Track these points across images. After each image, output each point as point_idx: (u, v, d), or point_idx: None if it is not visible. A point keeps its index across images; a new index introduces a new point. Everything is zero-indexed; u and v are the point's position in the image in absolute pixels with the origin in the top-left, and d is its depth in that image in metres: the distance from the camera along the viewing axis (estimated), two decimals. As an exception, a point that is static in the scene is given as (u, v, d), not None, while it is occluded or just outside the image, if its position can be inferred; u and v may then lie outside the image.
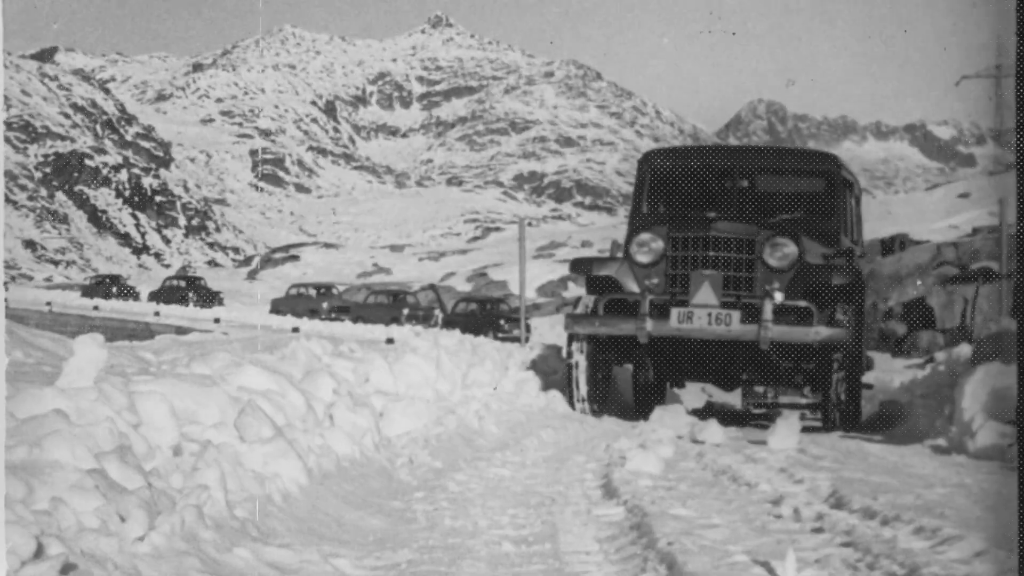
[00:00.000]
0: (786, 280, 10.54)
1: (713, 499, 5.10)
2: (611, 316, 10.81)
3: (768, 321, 10.20)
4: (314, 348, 7.61)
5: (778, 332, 10.23)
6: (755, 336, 10.23)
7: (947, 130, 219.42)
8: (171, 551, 3.29)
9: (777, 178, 12.12)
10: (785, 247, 10.58)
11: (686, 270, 10.72)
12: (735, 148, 14.00)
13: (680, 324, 10.40)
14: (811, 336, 10.21)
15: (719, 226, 10.67)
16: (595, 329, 10.79)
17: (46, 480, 3.30)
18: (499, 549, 4.04)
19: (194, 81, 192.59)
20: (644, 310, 10.53)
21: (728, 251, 10.65)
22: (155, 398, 4.38)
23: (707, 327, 10.38)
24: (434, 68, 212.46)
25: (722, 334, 10.41)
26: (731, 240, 10.66)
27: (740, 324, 10.32)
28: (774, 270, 10.55)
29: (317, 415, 5.69)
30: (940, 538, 3.89)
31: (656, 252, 10.85)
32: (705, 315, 10.37)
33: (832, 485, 5.22)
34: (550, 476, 6.01)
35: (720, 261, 10.63)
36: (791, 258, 10.56)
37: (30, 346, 8.14)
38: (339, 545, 3.98)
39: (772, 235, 10.63)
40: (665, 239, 10.81)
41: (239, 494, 4.06)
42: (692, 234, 10.71)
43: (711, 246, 10.65)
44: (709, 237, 10.65)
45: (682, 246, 10.77)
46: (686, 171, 12.24)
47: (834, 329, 10.30)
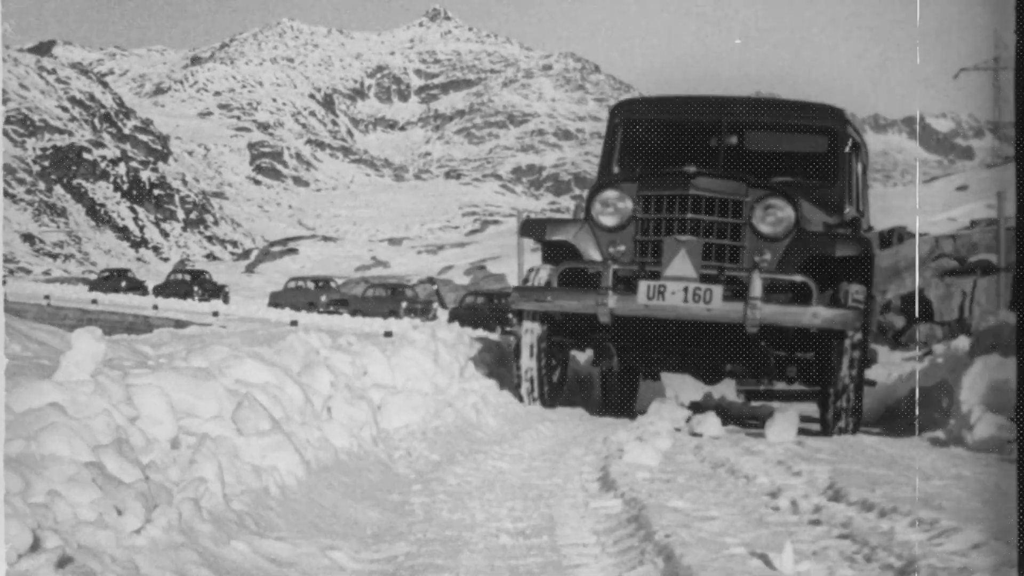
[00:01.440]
0: (780, 250, 8.97)
1: (711, 491, 5.10)
2: (567, 289, 9.19)
3: (757, 299, 8.60)
4: (312, 341, 7.61)
5: (769, 312, 8.64)
6: (740, 317, 8.64)
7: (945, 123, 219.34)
8: (168, 544, 3.29)
9: (771, 135, 10.43)
10: (780, 210, 8.99)
11: (659, 236, 9.03)
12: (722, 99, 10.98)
13: (649, 300, 8.77)
14: (808, 318, 8.63)
15: (700, 183, 9.00)
16: (546, 305, 9.17)
17: (43, 473, 3.30)
18: (497, 541, 4.05)
19: (192, 74, 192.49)
20: (607, 283, 8.92)
21: (711, 213, 8.97)
22: (153, 391, 4.37)
23: (682, 304, 8.74)
24: (432, 61, 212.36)
25: (700, 314, 8.74)
26: (714, 200, 9.00)
27: (723, 302, 8.70)
28: (766, 237, 8.96)
29: (315, 408, 5.69)
30: (938, 530, 3.90)
31: (623, 214, 9.19)
32: (680, 290, 8.73)
33: (830, 477, 5.23)
34: (548, 469, 6.02)
35: (701, 226, 8.94)
36: (786, 223, 8.98)
37: (28, 339, 8.13)
38: (337, 538, 3.98)
39: (765, 195, 9.02)
40: (634, 198, 9.17)
41: (236, 487, 4.06)
42: (667, 192, 9.06)
43: (690, 207, 8.93)
44: (688, 196, 8.95)
45: (655, 207, 9.10)
46: (664, 125, 10.51)
47: (837, 310, 8.69)
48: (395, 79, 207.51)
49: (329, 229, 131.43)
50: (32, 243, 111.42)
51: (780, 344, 9.24)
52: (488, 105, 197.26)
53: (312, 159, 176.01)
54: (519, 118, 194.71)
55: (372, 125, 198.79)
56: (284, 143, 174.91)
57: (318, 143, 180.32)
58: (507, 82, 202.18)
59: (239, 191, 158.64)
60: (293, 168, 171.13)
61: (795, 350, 9.32)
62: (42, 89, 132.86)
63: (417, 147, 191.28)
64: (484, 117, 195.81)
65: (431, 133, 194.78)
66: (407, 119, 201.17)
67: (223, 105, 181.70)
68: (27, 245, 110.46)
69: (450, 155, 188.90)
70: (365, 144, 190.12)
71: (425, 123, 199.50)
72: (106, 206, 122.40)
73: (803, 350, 9.30)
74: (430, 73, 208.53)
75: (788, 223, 9.00)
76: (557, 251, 9.52)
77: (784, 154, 10.43)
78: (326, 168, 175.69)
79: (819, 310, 8.65)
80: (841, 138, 10.03)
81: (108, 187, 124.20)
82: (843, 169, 10.03)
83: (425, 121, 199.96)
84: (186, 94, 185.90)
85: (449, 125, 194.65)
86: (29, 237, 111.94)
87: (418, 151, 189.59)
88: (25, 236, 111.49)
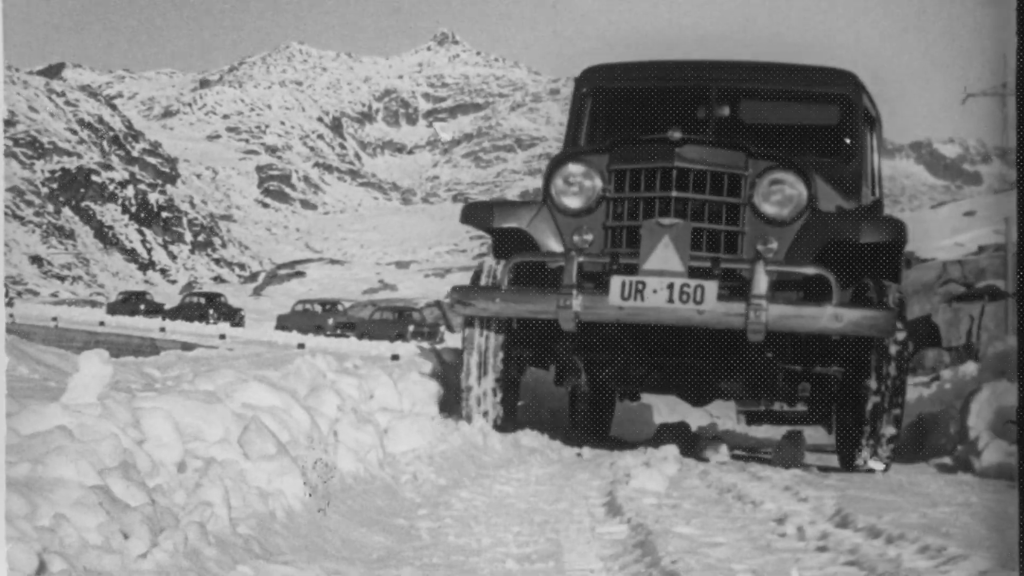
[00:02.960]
0: (789, 236, 7.31)
1: (717, 517, 5.09)
2: (520, 289, 7.42)
3: (761, 298, 6.91)
4: (319, 364, 7.60)
5: (777, 315, 6.93)
6: (741, 321, 6.92)
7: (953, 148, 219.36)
8: (174, 568, 3.29)
9: (772, 105, 8.69)
10: (789, 186, 7.33)
11: (636, 220, 7.30)
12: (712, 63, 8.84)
13: (625, 301, 7.02)
14: (827, 321, 6.91)
15: (687, 152, 7.27)
16: (493, 308, 7.39)
17: (49, 497, 3.30)
18: (503, 567, 4.04)
19: (201, 97, 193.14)
20: (570, 280, 7.16)
21: (701, 191, 7.26)
22: (159, 414, 4.37)
23: (666, 306, 6.96)
24: (440, 85, 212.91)
25: (689, 317, 6.98)
26: (705, 174, 7.28)
27: (718, 302, 6.98)
28: (771, 220, 7.29)
29: (321, 432, 5.68)
30: (945, 557, 3.88)
31: (590, 193, 7.49)
32: (664, 287, 6.98)
33: (837, 503, 5.21)
34: (554, 493, 6.01)
35: (689, 207, 7.24)
36: (797, 203, 7.31)
37: (35, 362, 8.14)
38: (342, 562, 3.97)
39: (769, 167, 7.36)
40: (604, 173, 7.47)
41: (242, 511, 4.05)
42: (646, 164, 7.34)
43: (675, 183, 7.22)
44: (672, 169, 7.23)
45: (631, 183, 7.38)
46: (641, 94, 8.70)
47: (866, 311, 6.98)
48: (403, 103, 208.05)
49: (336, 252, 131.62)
50: (40, 265, 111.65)
51: (792, 356, 7.54)
52: (496, 129, 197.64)
53: (320, 182, 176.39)
54: (527, 142, 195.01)
55: (380, 148, 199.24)
56: (292, 166, 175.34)
57: (326, 166, 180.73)
58: (515, 106, 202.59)
59: (247, 214, 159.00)
60: (301, 191, 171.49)
61: (811, 363, 7.60)
62: (51, 111, 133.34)
63: (424, 170, 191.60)
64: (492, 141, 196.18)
65: (439, 156, 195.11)
66: (415, 142, 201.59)
67: (231, 128, 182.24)
68: (35, 267, 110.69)
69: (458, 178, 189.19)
70: (373, 167, 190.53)
71: (433, 147, 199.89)
72: (114, 228, 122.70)
73: (822, 363, 7.57)
74: (438, 97, 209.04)
75: (799, 202, 7.34)
76: (508, 242, 7.84)
77: (787, 127, 8.75)
78: (334, 191, 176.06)
79: (842, 311, 6.93)
80: (856, 107, 8.40)
81: (116, 209, 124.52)
82: (859, 144, 8.39)
83: (433, 145, 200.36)
84: (195, 117, 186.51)
85: (457, 149, 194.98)
86: (37, 259, 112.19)
87: (426, 174, 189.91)
88: (33, 258, 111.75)
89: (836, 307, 6.93)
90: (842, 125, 8.41)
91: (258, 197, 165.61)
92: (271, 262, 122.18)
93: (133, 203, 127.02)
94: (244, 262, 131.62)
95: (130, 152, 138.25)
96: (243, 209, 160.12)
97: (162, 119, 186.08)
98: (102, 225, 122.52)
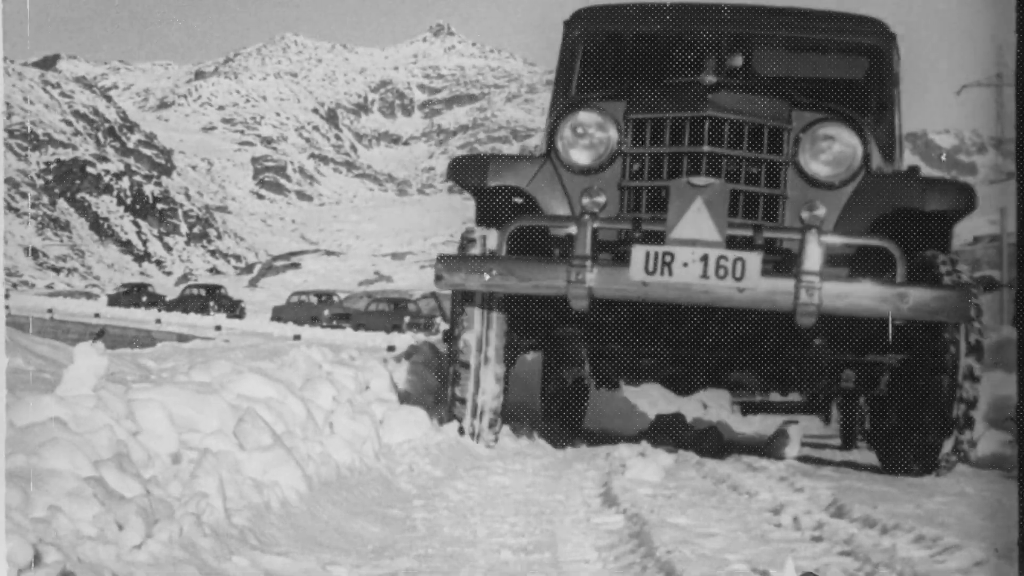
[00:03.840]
0: (839, 202, 6.26)
1: (713, 508, 5.09)
2: (522, 259, 6.21)
3: (814, 274, 5.80)
4: (314, 355, 7.61)
5: (833, 294, 5.81)
6: (790, 301, 5.80)
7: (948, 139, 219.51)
8: (169, 559, 3.29)
9: (792, 56, 7.45)
10: (840, 142, 6.27)
11: (660, 179, 6.23)
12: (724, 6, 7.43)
13: (650, 276, 5.87)
14: (892, 301, 5.79)
15: (722, 99, 6.22)
16: (490, 281, 6.15)
17: (44, 488, 3.30)
18: (498, 557, 4.04)
19: (196, 89, 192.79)
20: (583, 249, 6.02)
21: (737, 146, 6.19)
22: (154, 406, 4.37)
23: (699, 282, 5.84)
24: (436, 76, 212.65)
25: (726, 297, 5.86)
26: (742, 126, 6.21)
27: (762, 278, 5.85)
28: (818, 183, 6.25)
29: (317, 423, 5.68)
30: (940, 547, 3.89)
31: (604, 146, 6.39)
32: (697, 260, 5.85)
33: (832, 494, 5.22)
34: (550, 484, 6.01)
35: (722, 165, 6.18)
36: (851, 162, 6.28)
37: (30, 353, 8.14)
38: (338, 553, 3.97)
39: (818, 119, 6.31)
40: (620, 124, 6.36)
41: (238, 502, 4.05)
42: (673, 113, 6.26)
43: (707, 136, 6.14)
44: (704, 119, 6.16)
45: (653, 136, 6.29)
46: (642, 40, 7.50)
47: (937, 291, 5.87)
48: (399, 94, 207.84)
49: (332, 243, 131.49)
50: (35, 257, 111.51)
51: (844, 343, 6.53)
52: (491, 120, 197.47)
53: (315, 173, 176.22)
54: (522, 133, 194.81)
55: (375, 140, 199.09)
56: (287, 157, 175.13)
57: (321, 158, 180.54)
58: (510, 97, 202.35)
59: (242, 205, 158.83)
60: (296, 182, 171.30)
61: (865, 351, 6.56)
62: (46, 103, 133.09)
63: (420, 162, 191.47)
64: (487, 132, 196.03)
65: (434, 148, 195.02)
66: (410, 134, 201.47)
67: (227, 119, 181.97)
68: (31, 259, 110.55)
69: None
70: (368, 159, 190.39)
71: (428, 138, 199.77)
72: (109, 220, 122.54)
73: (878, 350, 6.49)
74: (433, 88, 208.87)
75: (853, 162, 6.31)
76: (503, 205, 6.77)
77: (809, 81, 7.43)
78: (329, 182, 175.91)
79: (910, 290, 5.84)
80: (888, 61, 7.34)
81: (112, 201, 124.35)
82: (890, 101, 7.34)
83: (428, 136, 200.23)
84: (190, 108, 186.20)
85: (453, 140, 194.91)
86: (33, 251, 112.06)
87: (421, 166, 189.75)
88: (28, 250, 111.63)
89: (901, 286, 5.88)
90: (873, 79, 7.36)
91: (253, 188, 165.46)
92: (267, 253, 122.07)
93: (128, 195, 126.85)
94: (240, 253, 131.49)
95: (125, 144, 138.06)
96: (238, 200, 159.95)
97: (157, 110, 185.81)
98: (97, 217, 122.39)
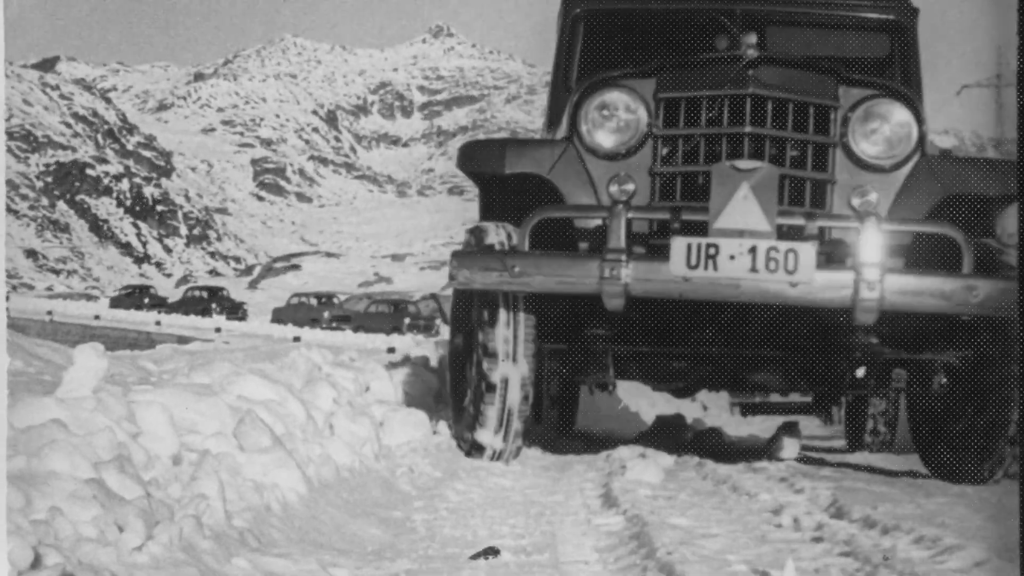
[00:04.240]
0: (893, 187, 5.78)
1: (713, 508, 5.09)
2: (550, 255, 5.62)
3: (875, 267, 5.28)
4: (314, 357, 7.61)
5: (897, 289, 5.29)
6: (848, 297, 5.30)
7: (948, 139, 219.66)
8: (169, 561, 3.29)
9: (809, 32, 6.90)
10: (894, 121, 5.76)
11: (696, 164, 5.73)
12: None
13: (692, 271, 5.35)
14: (960, 296, 5.28)
15: (764, 75, 5.65)
16: (514, 279, 5.57)
17: (44, 490, 3.30)
18: (498, 559, 4.04)
19: (195, 90, 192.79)
20: (618, 241, 5.46)
21: (781, 126, 5.66)
22: (154, 408, 4.37)
23: (748, 276, 5.31)
24: (435, 78, 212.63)
25: (778, 292, 5.32)
26: (787, 105, 5.68)
27: (817, 271, 5.33)
28: (869, 166, 5.75)
29: (317, 424, 5.68)
30: (940, 547, 3.89)
31: (633, 129, 5.84)
32: (744, 252, 5.32)
33: (832, 494, 5.22)
34: (550, 485, 6.01)
35: (765, 147, 5.64)
36: (906, 143, 5.78)
37: (30, 355, 8.14)
38: (338, 555, 3.97)
39: (868, 96, 5.79)
40: (650, 103, 5.82)
41: (238, 504, 4.05)
42: (710, 91, 5.70)
43: (749, 116, 5.61)
44: (746, 97, 5.63)
45: (687, 116, 5.77)
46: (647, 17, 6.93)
47: (1009, 282, 5.31)
48: (398, 95, 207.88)
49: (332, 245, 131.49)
50: (35, 259, 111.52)
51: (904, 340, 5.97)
52: (491, 121, 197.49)
53: (315, 175, 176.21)
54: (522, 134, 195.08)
55: (375, 141, 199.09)
56: (287, 159, 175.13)
57: (321, 159, 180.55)
58: (510, 98, 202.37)
59: (242, 207, 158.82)
60: (296, 184, 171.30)
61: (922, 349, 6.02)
62: (45, 105, 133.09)
63: (420, 163, 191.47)
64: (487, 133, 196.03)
65: (434, 149, 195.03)
66: (410, 135, 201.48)
67: (226, 121, 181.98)
68: (30, 261, 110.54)
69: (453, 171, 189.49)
70: (368, 160, 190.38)
71: (428, 139, 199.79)
72: (109, 222, 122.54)
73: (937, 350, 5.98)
74: (433, 89, 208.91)
75: (908, 143, 5.79)
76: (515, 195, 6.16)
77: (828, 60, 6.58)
78: (329, 184, 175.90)
79: (980, 283, 5.32)
80: (911, 38, 6.88)
81: (111, 203, 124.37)
82: (916, 82, 6.83)
83: (428, 137, 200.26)
84: (189, 110, 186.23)
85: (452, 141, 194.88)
86: (32, 253, 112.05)
87: (421, 167, 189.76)
88: (28, 252, 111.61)
89: (971, 279, 5.35)
90: (893, 58, 6.89)
91: (253, 190, 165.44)
92: (266, 255, 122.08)
93: (128, 197, 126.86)
94: (240, 255, 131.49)
95: (125, 146, 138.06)
96: (238, 202, 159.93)
97: (157, 112, 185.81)
98: (97, 219, 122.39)
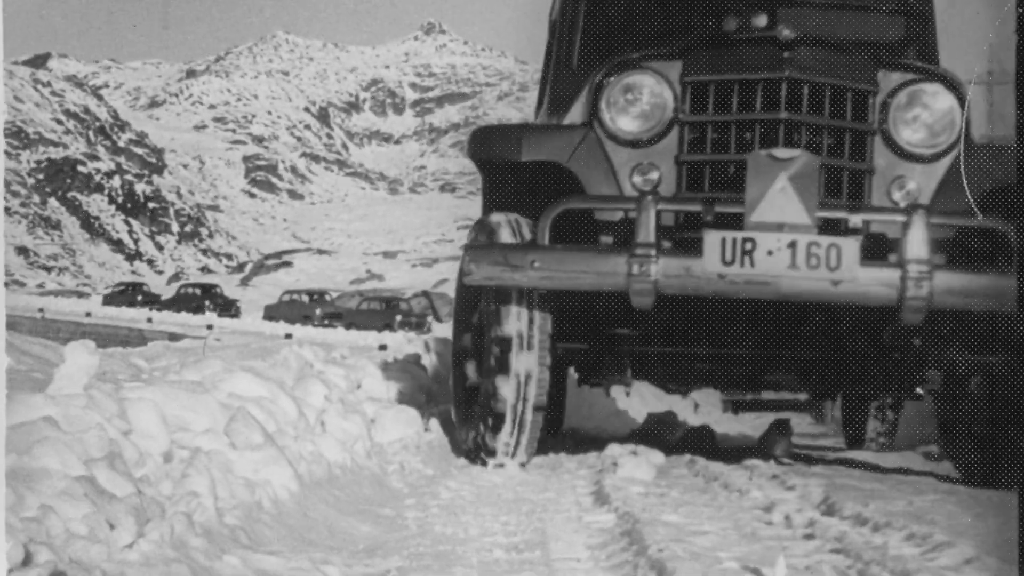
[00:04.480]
0: (935, 176, 5.46)
1: (704, 506, 5.10)
2: (572, 249, 5.30)
3: (923, 263, 4.98)
4: (306, 354, 7.60)
5: (945, 287, 4.99)
6: (894, 295, 4.99)
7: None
8: (160, 558, 3.28)
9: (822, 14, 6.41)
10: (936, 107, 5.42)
11: (727, 152, 5.39)
12: None
13: (727, 267, 5.03)
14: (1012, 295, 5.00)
15: (801, 57, 5.32)
16: (534, 276, 5.23)
17: (35, 487, 3.30)
18: (490, 556, 4.04)
19: (187, 87, 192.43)
20: (647, 235, 5.10)
21: (817, 112, 5.33)
22: (146, 405, 4.37)
23: (787, 273, 4.98)
24: (427, 75, 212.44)
25: (820, 290, 5.01)
26: (824, 90, 5.33)
27: (862, 268, 5.01)
28: (910, 155, 5.42)
29: (308, 422, 5.68)
30: (931, 544, 3.90)
31: (658, 114, 5.46)
32: (784, 247, 4.99)
33: (824, 491, 5.22)
34: (541, 483, 6.01)
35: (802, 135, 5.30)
36: (949, 130, 5.45)
37: (21, 352, 8.12)
38: (329, 552, 3.97)
39: (909, 80, 5.47)
40: (676, 87, 5.46)
41: (229, 501, 4.05)
42: (742, 74, 5.35)
43: (785, 101, 5.26)
44: (781, 81, 5.28)
45: (717, 101, 5.41)
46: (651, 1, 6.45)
47: None
48: (390, 92, 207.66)
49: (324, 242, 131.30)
50: (26, 256, 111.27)
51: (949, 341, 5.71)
52: (483, 118, 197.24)
53: (307, 172, 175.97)
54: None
55: (367, 138, 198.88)
56: (279, 156, 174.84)
57: (313, 156, 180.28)
58: (502, 95, 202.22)
59: (234, 204, 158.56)
60: (288, 181, 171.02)
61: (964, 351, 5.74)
62: (36, 102, 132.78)
63: (412, 160, 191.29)
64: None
65: (426, 146, 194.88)
66: (402, 132, 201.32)
67: (218, 118, 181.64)
68: (21, 258, 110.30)
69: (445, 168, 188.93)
70: (360, 157, 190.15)
71: (420, 136, 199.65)
72: (100, 219, 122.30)
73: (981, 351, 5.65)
74: (425, 86, 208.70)
75: (952, 129, 5.46)
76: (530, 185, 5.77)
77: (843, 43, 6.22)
78: (321, 181, 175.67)
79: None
80: (929, 21, 6.60)
81: (103, 200, 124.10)
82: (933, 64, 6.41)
83: (420, 134, 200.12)
84: (181, 107, 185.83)
85: (444, 138, 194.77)
86: (23, 250, 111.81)
87: (413, 164, 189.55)
88: (19, 249, 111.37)
89: None
90: (910, 41, 6.55)
91: (245, 187, 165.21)
92: (258, 252, 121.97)
93: (119, 193, 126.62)
94: (231, 252, 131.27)
95: (116, 142, 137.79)
96: (230, 199, 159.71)
97: (148, 109, 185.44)
98: (88, 216, 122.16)
